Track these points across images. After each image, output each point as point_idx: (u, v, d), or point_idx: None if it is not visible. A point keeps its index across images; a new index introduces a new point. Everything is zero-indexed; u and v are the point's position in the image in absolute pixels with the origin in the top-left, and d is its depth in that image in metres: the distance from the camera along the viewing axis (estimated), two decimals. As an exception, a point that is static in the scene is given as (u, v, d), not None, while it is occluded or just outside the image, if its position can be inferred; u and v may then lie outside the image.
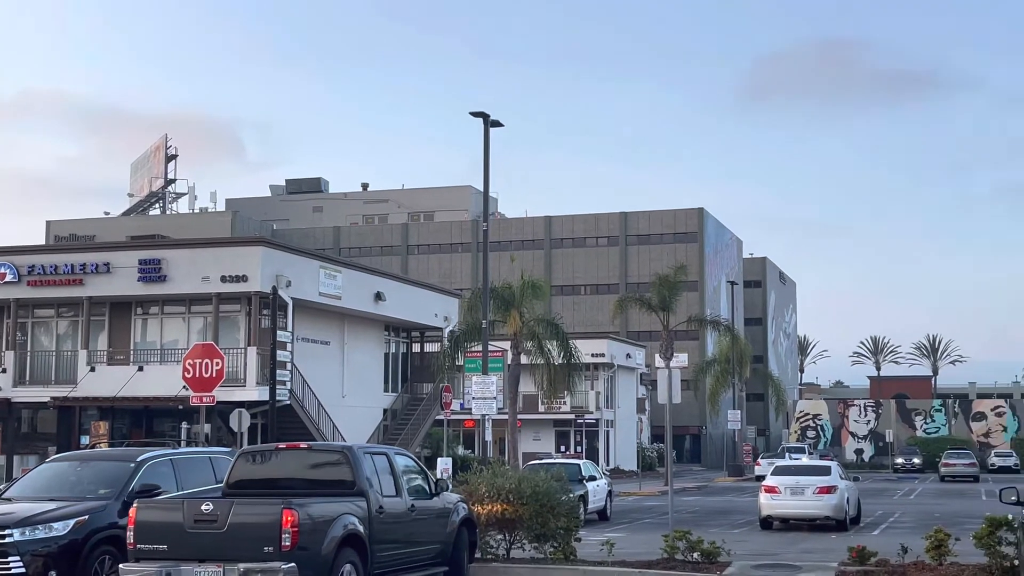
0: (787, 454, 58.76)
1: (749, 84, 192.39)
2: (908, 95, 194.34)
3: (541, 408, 62.71)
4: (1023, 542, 13.91)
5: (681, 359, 75.61)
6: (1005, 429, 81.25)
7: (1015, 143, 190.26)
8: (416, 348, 50.63)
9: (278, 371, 35.35)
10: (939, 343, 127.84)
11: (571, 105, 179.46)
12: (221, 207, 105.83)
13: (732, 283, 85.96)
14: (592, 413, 66.26)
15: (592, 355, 63.84)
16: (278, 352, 35.39)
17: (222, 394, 27.43)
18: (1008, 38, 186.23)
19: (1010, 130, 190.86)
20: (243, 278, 37.76)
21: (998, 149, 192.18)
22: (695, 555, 17.56)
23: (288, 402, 37.18)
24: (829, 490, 26.88)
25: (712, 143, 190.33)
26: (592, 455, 62.89)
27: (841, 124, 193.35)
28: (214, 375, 24.25)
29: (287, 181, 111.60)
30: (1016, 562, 14.94)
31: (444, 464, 33.72)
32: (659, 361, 54.41)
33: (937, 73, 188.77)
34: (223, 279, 38.05)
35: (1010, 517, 15.64)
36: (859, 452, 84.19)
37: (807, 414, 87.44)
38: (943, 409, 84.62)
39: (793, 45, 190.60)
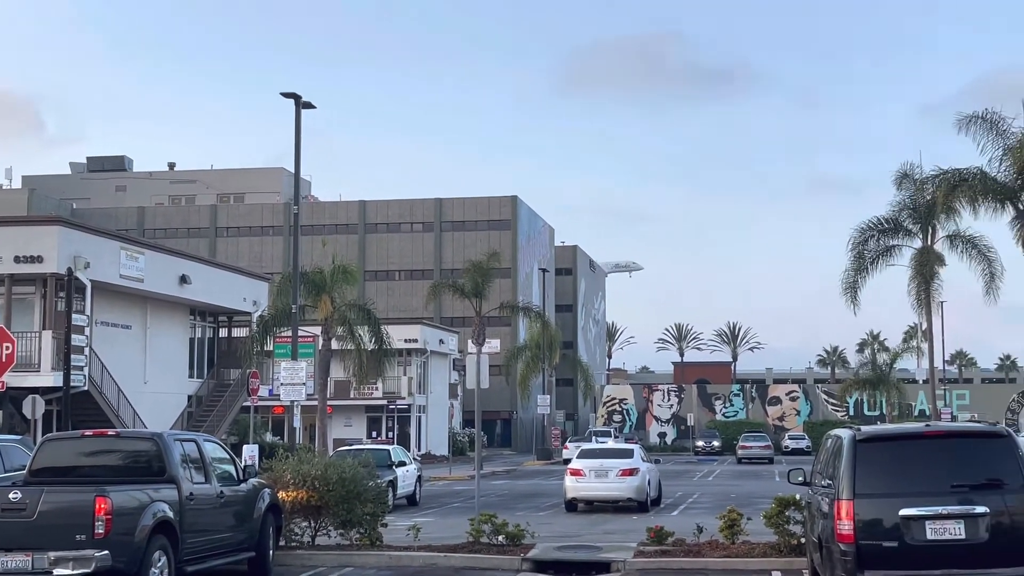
0: (594, 438, 60.12)
1: (564, 75, 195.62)
2: (714, 89, 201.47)
3: (353, 394, 62.25)
4: (809, 520, 14.60)
5: (493, 345, 76.29)
6: (798, 413, 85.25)
7: (813, 138, 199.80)
8: (223, 333, 49.45)
9: (74, 356, 33.89)
10: (739, 330, 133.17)
11: (388, 93, 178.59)
12: (17, 184, 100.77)
13: (544, 270, 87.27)
14: (404, 399, 66.19)
15: (405, 341, 63.76)
16: (75, 336, 33.94)
17: (14, 379, 26.26)
18: (801, 39, 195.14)
19: (808, 126, 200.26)
20: (38, 259, 36.08)
21: (798, 144, 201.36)
22: (500, 538, 17.77)
23: (85, 388, 35.75)
24: (631, 472, 27.61)
25: (527, 132, 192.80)
26: (404, 441, 62.87)
27: (651, 116, 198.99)
28: (4, 359, 23.17)
29: (88, 159, 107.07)
30: (803, 539, 15.70)
31: (250, 451, 32.94)
32: (472, 347, 54.77)
33: (740, 68, 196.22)
34: (16, 259, 36.24)
35: (798, 497, 16.43)
36: (662, 435, 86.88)
37: (614, 399, 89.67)
38: (741, 394, 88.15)
39: (608, 37, 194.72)
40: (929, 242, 41.70)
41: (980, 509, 11.37)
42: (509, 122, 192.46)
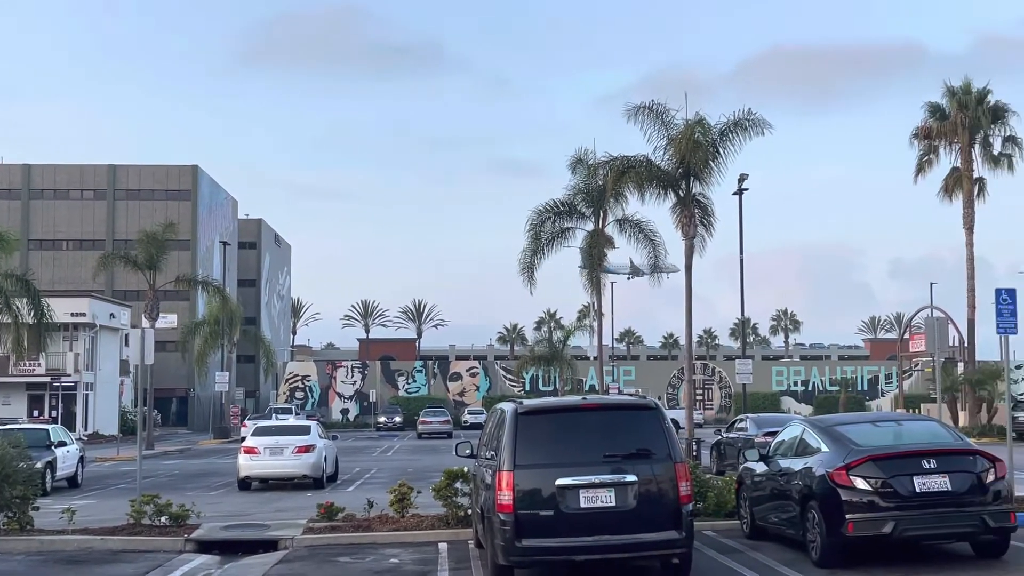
0: (274, 415, 59.22)
1: (252, 46, 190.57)
2: (405, 68, 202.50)
3: (12, 371, 58.18)
4: (475, 492, 14.90)
5: (170, 320, 73.38)
6: (478, 388, 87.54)
7: (500, 122, 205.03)
8: None
9: None
10: (424, 308, 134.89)
11: (58, 51, 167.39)
12: None
13: (225, 243, 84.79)
14: (70, 376, 62.47)
15: (72, 314, 60.25)
16: None
17: None
18: (491, 24, 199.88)
19: (495, 110, 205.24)
20: None
21: (486, 126, 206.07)
22: (163, 519, 17.09)
23: None
24: (307, 449, 27.32)
25: (211, 103, 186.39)
26: (69, 420, 59.43)
27: (341, 91, 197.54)
28: None
29: None
30: (470, 511, 16.02)
31: None
32: (145, 322, 52.41)
33: (431, 48, 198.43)
34: None
35: (466, 469, 16.75)
36: (345, 412, 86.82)
37: (296, 375, 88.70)
38: (424, 370, 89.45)
39: (297, 10, 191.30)
40: (600, 225, 43.65)
41: (630, 478, 11.93)
42: (193, 91, 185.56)
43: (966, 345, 51.97)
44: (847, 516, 12.63)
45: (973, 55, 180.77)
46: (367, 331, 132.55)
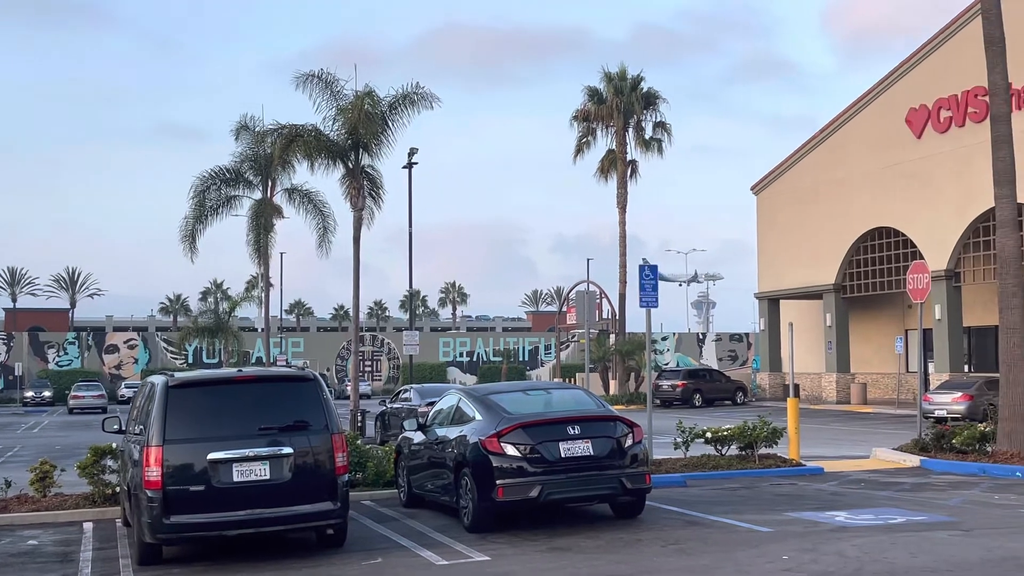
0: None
1: None
2: (64, 23, 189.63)
3: None
4: (123, 468, 14.25)
5: None
6: (136, 361, 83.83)
7: (165, 84, 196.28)
8: None
9: None
10: (79, 276, 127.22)
11: None
12: None
13: None
14: None
15: None
16: None
17: None
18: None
19: (160, 71, 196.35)
20: None
21: (150, 88, 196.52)
22: None
23: None
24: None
25: None
26: None
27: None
28: None
29: None
30: (118, 488, 15.31)
31: None
32: None
33: (90, 3, 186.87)
34: None
35: (115, 445, 15.99)
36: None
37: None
38: (76, 342, 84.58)
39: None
40: (269, 194, 42.87)
41: (286, 450, 11.84)
42: None
43: (617, 318, 55.16)
44: (497, 482, 13.09)
45: (633, 43, 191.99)
46: (14, 300, 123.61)
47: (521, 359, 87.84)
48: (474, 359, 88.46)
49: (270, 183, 42.50)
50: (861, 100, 48.07)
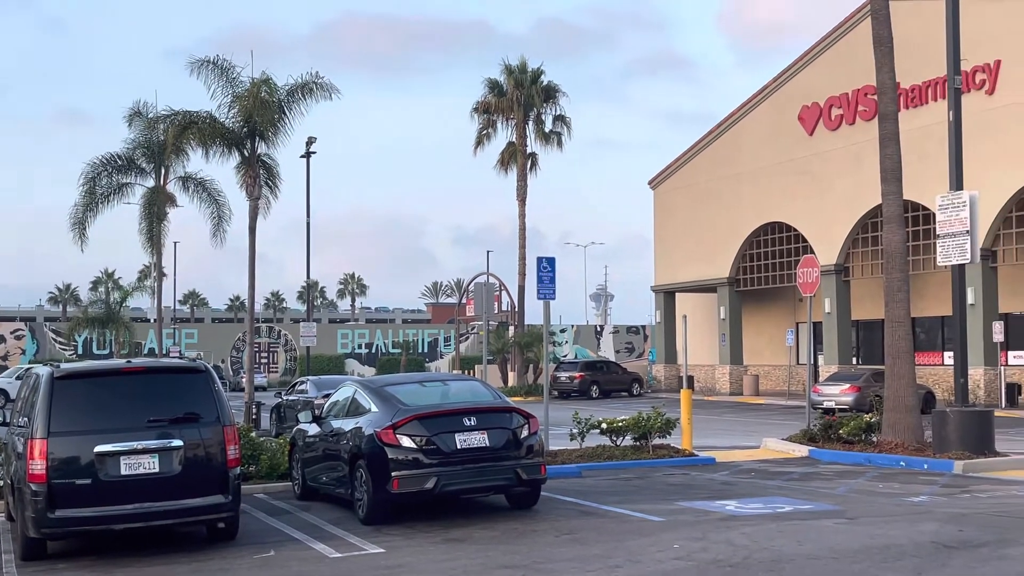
0: None
1: None
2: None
3: None
4: (7, 462, 13.84)
5: None
6: (23, 352, 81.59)
7: (58, 67, 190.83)
8: None
9: None
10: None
11: None
12: None
13: None
14: None
15: None
16: None
17: None
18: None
19: (52, 54, 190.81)
20: None
21: (41, 71, 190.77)
22: None
23: None
24: None
25: None
26: None
27: None
28: None
29: None
30: (1, 482, 14.86)
31: None
32: None
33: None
34: None
35: None
36: None
37: None
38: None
39: None
40: (162, 182, 41.94)
41: (176, 443, 11.64)
42: None
43: (517, 310, 55.39)
44: (393, 473, 13.04)
45: (534, 36, 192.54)
46: None
47: (421, 351, 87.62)
48: (373, 351, 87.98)
49: (163, 171, 41.56)
50: (755, 97, 49.01)
